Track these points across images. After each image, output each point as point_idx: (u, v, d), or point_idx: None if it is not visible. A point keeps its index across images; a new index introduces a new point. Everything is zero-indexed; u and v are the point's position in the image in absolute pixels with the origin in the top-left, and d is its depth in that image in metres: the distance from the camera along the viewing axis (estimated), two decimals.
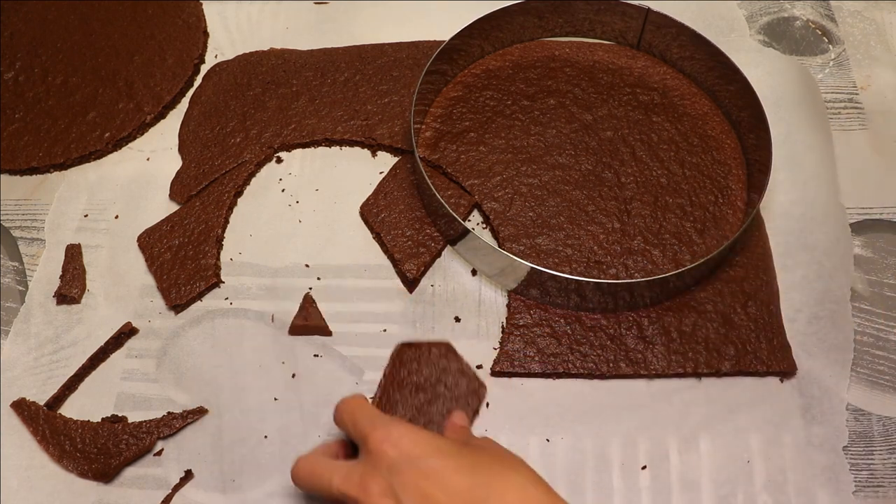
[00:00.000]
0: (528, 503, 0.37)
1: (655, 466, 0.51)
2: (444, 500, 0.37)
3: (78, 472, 0.50)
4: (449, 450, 0.39)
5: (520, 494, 0.38)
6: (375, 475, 0.39)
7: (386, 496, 0.38)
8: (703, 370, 0.53)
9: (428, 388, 0.50)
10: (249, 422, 0.52)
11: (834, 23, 0.72)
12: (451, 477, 0.38)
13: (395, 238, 0.58)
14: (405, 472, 0.38)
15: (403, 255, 0.57)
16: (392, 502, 0.38)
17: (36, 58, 0.69)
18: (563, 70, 0.67)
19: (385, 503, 0.38)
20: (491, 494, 0.37)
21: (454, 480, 0.38)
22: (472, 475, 0.38)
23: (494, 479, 0.38)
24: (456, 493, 0.37)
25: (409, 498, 0.37)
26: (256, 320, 0.56)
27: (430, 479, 0.38)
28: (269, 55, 0.69)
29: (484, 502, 0.37)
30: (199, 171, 0.62)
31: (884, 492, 0.50)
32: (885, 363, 0.54)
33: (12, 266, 0.60)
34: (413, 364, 0.50)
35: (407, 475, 0.38)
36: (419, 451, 0.39)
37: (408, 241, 0.58)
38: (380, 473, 0.39)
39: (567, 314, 0.55)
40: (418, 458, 0.38)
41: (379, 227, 0.59)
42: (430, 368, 0.51)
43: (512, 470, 0.39)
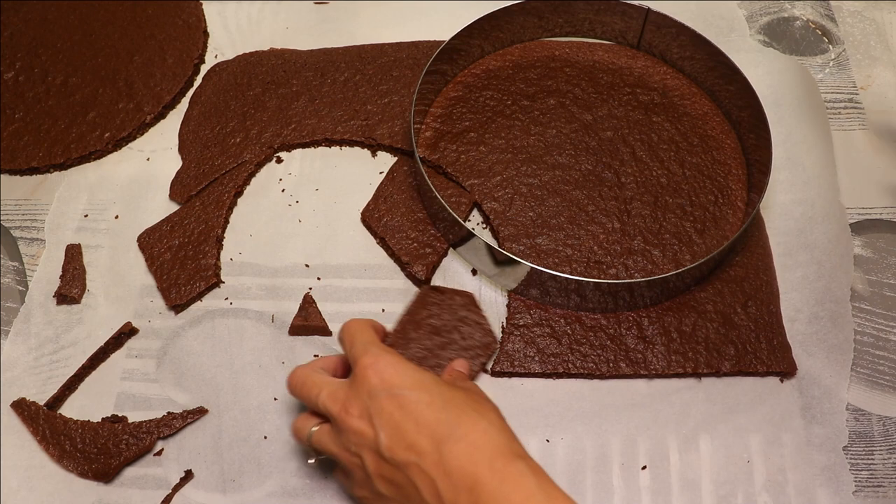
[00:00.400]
0: (487, 444, 0.39)
1: (655, 466, 0.51)
2: (412, 430, 0.39)
3: (78, 472, 0.50)
4: (428, 385, 0.41)
5: (481, 436, 0.39)
6: (357, 398, 0.41)
7: (362, 419, 0.41)
8: (703, 370, 0.53)
9: (444, 332, 0.52)
10: (249, 422, 0.52)
11: (834, 23, 0.72)
12: (423, 410, 0.40)
13: (401, 241, 0.58)
14: (382, 400, 0.41)
15: (411, 257, 0.57)
16: (367, 425, 0.41)
17: (36, 58, 0.69)
18: (563, 70, 0.67)
19: (360, 425, 0.41)
20: (455, 431, 0.39)
21: (425, 413, 0.40)
22: (442, 411, 0.40)
23: (462, 418, 0.40)
24: (424, 424, 0.40)
25: (382, 423, 0.40)
26: (256, 320, 0.56)
27: (404, 410, 0.40)
28: (269, 55, 0.69)
29: (447, 437, 0.39)
30: (199, 171, 0.62)
31: (884, 492, 0.50)
32: (885, 363, 0.54)
33: (12, 266, 0.60)
34: (434, 307, 0.52)
35: (384, 402, 0.40)
36: (399, 381, 0.41)
37: (413, 244, 0.58)
38: (361, 397, 0.41)
39: (567, 314, 0.55)
40: (397, 388, 0.41)
41: (383, 231, 0.59)
42: (450, 315, 0.53)
43: (480, 414, 0.41)
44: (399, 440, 0.40)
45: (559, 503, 0.37)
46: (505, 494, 0.37)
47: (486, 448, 0.39)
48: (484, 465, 0.38)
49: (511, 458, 0.38)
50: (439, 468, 0.38)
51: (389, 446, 0.40)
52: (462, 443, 0.39)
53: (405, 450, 0.39)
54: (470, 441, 0.39)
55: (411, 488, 0.39)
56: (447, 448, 0.39)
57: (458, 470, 0.38)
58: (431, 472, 0.39)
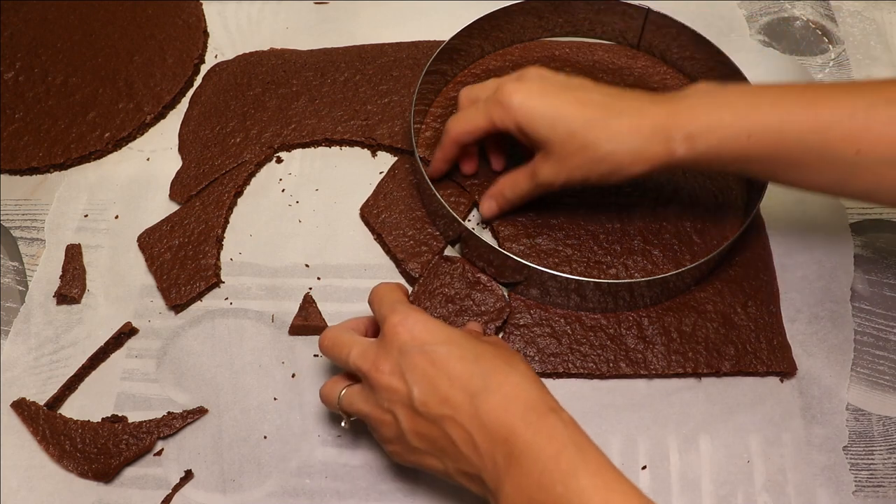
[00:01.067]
0: (520, 397, 0.40)
1: (655, 466, 0.51)
2: (445, 384, 0.40)
3: (78, 472, 0.50)
4: (458, 340, 0.42)
5: (514, 389, 0.40)
6: (388, 355, 0.42)
7: (394, 375, 0.41)
8: (704, 370, 0.53)
9: (457, 300, 0.55)
10: (249, 422, 0.52)
11: (834, 23, 0.72)
12: (454, 364, 0.41)
13: (397, 238, 0.58)
14: (414, 356, 0.41)
15: (406, 254, 0.57)
16: (399, 381, 0.41)
17: (36, 58, 0.69)
18: (563, 70, 0.67)
19: (392, 381, 0.41)
20: (489, 384, 0.40)
21: (457, 367, 0.40)
22: (474, 364, 0.41)
23: (495, 371, 0.41)
24: (457, 378, 0.40)
25: (414, 379, 0.41)
26: (256, 320, 0.56)
27: (436, 365, 0.41)
28: (269, 55, 0.69)
29: (481, 391, 0.40)
30: (199, 171, 0.62)
31: (884, 492, 0.50)
32: (885, 363, 0.54)
33: (12, 266, 0.60)
34: (446, 277, 0.56)
35: (416, 358, 0.41)
36: (430, 337, 0.42)
37: (409, 241, 0.58)
38: (392, 354, 0.42)
39: (567, 314, 0.55)
40: (428, 343, 0.41)
41: (380, 227, 0.59)
42: (462, 283, 0.56)
43: (511, 367, 0.41)
44: (433, 394, 0.40)
45: (590, 455, 0.38)
46: (539, 446, 0.38)
47: (519, 400, 0.39)
48: (518, 417, 0.39)
49: (544, 411, 0.39)
50: (475, 420, 0.39)
51: (424, 401, 0.40)
52: (496, 395, 0.39)
53: (439, 403, 0.40)
54: (503, 393, 0.39)
55: (446, 441, 0.40)
56: (481, 401, 0.39)
57: (493, 422, 0.39)
58: (467, 425, 0.39)
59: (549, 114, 0.48)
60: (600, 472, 0.37)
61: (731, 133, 0.45)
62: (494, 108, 0.50)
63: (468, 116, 0.53)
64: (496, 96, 0.50)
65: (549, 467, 0.37)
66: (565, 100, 0.48)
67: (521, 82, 0.50)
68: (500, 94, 0.50)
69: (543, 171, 0.51)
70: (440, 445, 0.41)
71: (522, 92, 0.49)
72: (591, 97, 0.49)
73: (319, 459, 0.51)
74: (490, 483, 0.39)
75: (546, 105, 0.49)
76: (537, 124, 0.49)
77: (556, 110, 0.48)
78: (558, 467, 0.37)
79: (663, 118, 0.46)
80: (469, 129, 0.53)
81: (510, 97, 0.49)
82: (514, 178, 0.54)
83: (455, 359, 0.41)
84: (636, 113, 0.47)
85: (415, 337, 0.42)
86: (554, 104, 0.48)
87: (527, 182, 0.53)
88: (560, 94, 0.49)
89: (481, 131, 0.52)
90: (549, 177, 0.51)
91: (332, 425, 0.52)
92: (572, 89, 0.50)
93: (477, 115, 0.52)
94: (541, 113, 0.48)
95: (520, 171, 0.53)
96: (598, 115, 0.48)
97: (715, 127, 0.45)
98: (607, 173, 0.49)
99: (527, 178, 0.53)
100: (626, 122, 0.47)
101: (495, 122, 0.51)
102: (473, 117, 0.52)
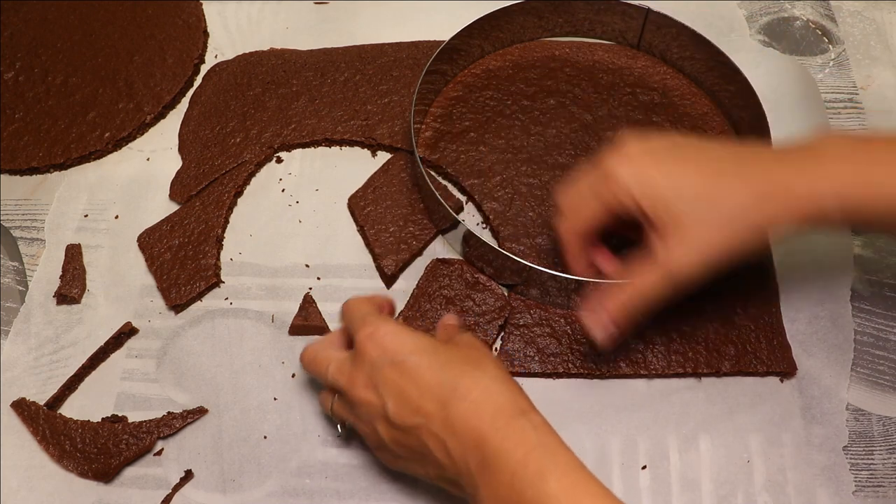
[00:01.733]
0: (489, 402, 0.40)
1: (655, 466, 0.51)
2: (415, 394, 0.41)
3: (78, 472, 0.50)
4: (426, 348, 0.42)
5: (483, 394, 0.40)
6: (361, 369, 0.43)
7: (368, 388, 0.42)
8: (704, 370, 0.53)
9: (457, 301, 0.55)
10: (249, 422, 0.52)
11: (834, 23, 0.72)
12: (423, 374, 0.41)
13: (378, 233, 0.58)
14: (385, 368, 0.42)
15: (383, 250, 0.57)
16: (373, 394, 0.42)
17: (36, 58, 0.69)
18: (563, 70, 0.67)
19: (367, 395, 0.42)
20: (458, 391, 0.40)
21: (426, 377, 0.41)
22: (442, 372, 0.41)
23: (463, 376, 0.41)
24: (426, 387, 0.41)
25: (387, 392, 0.42)
26: (256, 320, 0.56)
27: (406, 376, 0.41)
28: (269, 55, 0.69)
29: (451, 398, 0.40)
30: (199, 171, 0.62)
31: (884, 492, 0.50)
32: (885, 363, 0.54)
33: (12, 266, 0.60)
34: (444, 279, 0.56)
35: (386, 371, 0.42)
36: (398, 348, 0.42)
37: (390, 238, 0.58)
38: (364, 368, 0.43)
39: (567, 314, 0.55)
40: (397, 355, 0.42)
41: (363, 220, 0.59)
42: (461, 283, 0.56)
43: (481, 370, 0.42)
44: (405, 406, 0.41)
45: (559, 457, 0.38)
46: (507, 451, 0.38)
47: (488, 405, 0.40)
48: (487, 422, 0.39)
49: (513, 414, 0.39)
50: (446, 428, 0.40)
51: (397, 412, 0.41)
52: (465, 402, 0.40)
53: (412, 414, 0.41)
54: (472, 399, 0.40)
55: (424, 449, 0.41)
56: (451, 408, 0.40)
57: (463, 428, 0.39)
58: (439, 433, 0.40)
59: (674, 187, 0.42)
60: (569, 474, 0.38)
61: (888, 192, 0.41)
62: (602, 186, 0.44)
63: (575, 206, 0.46)
64: (600, 172, 0.44)
65: (518, 472, 0.37)
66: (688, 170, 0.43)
67: (623, 154, 0.44)
68: (604, 169, 0.44)
69: (675, 255, 0.43)
70: (419, 453, 0.42)
71: (628, 162, 0.44)
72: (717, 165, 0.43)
73: (319, 459, 0.51)
74: (467, 488, 0.40)
75: (666, 177, 0.43)
76: (658, 193, 0.42)
77: (682, 183, 0.42)
78: (527, 471, 0.37)
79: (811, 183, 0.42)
80: (582, 219, 0.46)
81: (616, 169, 0.44)
82: (636, 284, 0.45)
83: (424, 368, 0.41)
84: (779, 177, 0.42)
85: (385, 349, 0.42)
86: (676, 175, 0.42)
87: (657, 278, 0.44)
88: (672, 159, 0.43)
89: (595, 219, 0.46)
90: (684, 260, 0.43)
91: (332, 425, 0.52)
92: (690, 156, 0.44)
93: (584, 201, 0.46)
94: (663, 187, 0.42)
95: (639, 272, 0.45)
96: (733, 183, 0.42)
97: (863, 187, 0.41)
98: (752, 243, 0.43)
99: (655, 274, 0.44)
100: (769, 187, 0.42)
101: (608, 202, 0.44)
102: (582, 205, 0.46)
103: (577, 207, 0.47)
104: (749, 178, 0.43)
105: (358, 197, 0.60)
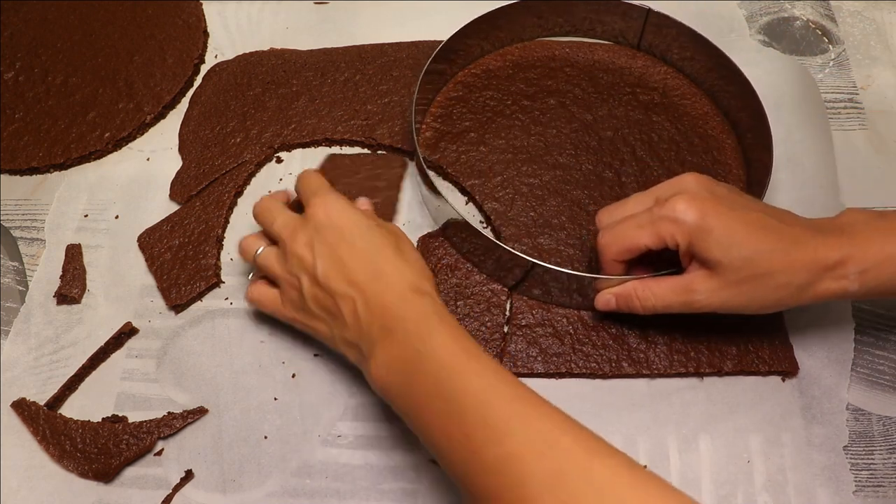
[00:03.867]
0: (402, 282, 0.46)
1: (655, 466, 0.51)
2: (346, 263, 0.47)
3: (78, 472, 0.50)
4: (362, 227, 0.48)
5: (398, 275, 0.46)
6: (304, 229, 0.49)
7: (307, 247, 0.48)
8: (706, 370, 0.53)
9: (460, 265, 0.58)
10: (249, 422, 0.52)
11: (834, 23, 0.72)
12: (357, 249, 0.47)
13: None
14: (326, 233, 0.48)
15: None
16: (309, 252, 0.48)
17: (36, 58, 0.69)
18: (563, 70, 0.67)
19: (304, 251, 0.48)
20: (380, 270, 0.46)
21: (358, 249, 0.47)
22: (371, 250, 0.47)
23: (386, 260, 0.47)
24: (356, 260, 0.47)
25: (321, 253, 0.47)
26: (256, 320, 0.56)
27: (341, 246, 0.47)
28: (269, 55, 0.69)
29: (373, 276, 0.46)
30: (200, 171, 0.62)
31: (884, 491, 0.50)
32: (885, 363, 0.54)
33: (12, 266, 0.60)
34: (440, 250, 0.58)
35: (326, 235, 0.48)
36: (341, 222, 0.48)
37: None
38: (308, 229, 0.49)
39: (569, 314, 0.55)
40: (339, 227, 0.48)
41: None
42: (454, 252, 0.58)
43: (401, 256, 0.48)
44: (334, 270, 0.47)
45: (447, 321, 0.44)
46: (406, 316, 0.44)
47: (401, 284, 0.46)
48: (396, 295, 0.45)
49: (419, 293, 0.45)
50: (362, 297, 0.45)
51: (325, 274, 0.47)
52: (383, 280, 0.46)
53: (337, 279, 0.46)
54: (388, 278, 0.46)
55: (336, 311, 0.47)
56: (371, 282, 0.46)
57: (376, 300, 0.45)
58: (357, 300, 0.45)
59: (726, 236, 0.45)
60: (452, 332, 0.43)
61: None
62: (665, 224, 0.47)
63: (628, 234, 0.49)
64: (666, 213, 0.47)
65: (410, 330, 0.43)
66: (740, 222, 0.46)
67: (691, 197, 0.47)
68: (671, 211, 0.47)
69: (703, 289, 0.47)
70: (331, 313, 0.47)
71: (696, 209, 0.46)
72: (763, 221, 0.46)
73: (319, 459, 0.51)
74: (365, 350, 0.45)
75: (722, 226, 0.46)
76: (711, 245, 0.46)
77: (733, 234, 0.46)
78: (418, 330, 0.43)
79: (839, 252, 0.45)
80: (630, 246, 0.49)
81: (684, 214, 0.46)
82: (661, 289, 0.49)
83: (358, 245, 0.47)
84: (810, 243, 0.46)
85: (330, 218, 0.48)
86: (730, 226, 0.46)
87: (677, 297, 0.49)
88: (732, 215, 0.46)
89: (643, 248, 0.49)
90: (707, 296, 0.48)
91: (332, 425, 0.52)
92: (741, 209, 0.47)
93: (640, 231, 0.48)
94: (717, 235, 0.46)
95: (669, 282, 0.49)
96: (774, 244, 0.45)
97: (888, 260, 0.45)
98: (772, 304, 0.47)
99: (679, 292, 0.49)
100: (802, 254, 0.45)
101: (665, 238, 0.47)
102: (636, 234, 0.48)
103: (629, 235, 0.49)
104: (795, 245, 0.46)
105: None
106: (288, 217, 0.51)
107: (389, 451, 0.51)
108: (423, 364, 0.42)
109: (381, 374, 0.44)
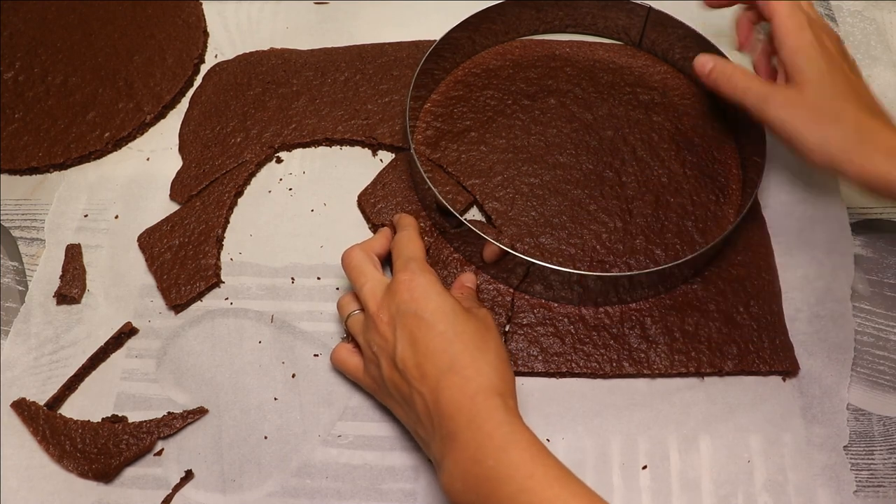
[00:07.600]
0: (477, 381, 0.43)
1: (656, 466, 0.51)
2: (422, 352, 0.44)
3: (78, 472, 0.50)
4: (447, 313, 0.46)
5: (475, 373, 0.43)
6: (389, 305, 0.47)
7: (389, 326, 0.46)
8: (706, 370, 0.53)
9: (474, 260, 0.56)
10: (249, 422, 0.52)
11: (834, 23, 0.72)
12: (434, 338, 0.45)
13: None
14: (407, 316, 0.46)
15: None
16: (391, 332, 0.46)
17: (36, 58, 0.69)
18: (563, 69, 0.67)
19: (386, 330, 0.46)
20: (455, 365, 0.44)
21: (435, 340, 0.45)
22: (451, 342, 0.45)
23: (464, 353, 0.44)
24: (432, 351, 0.44)
25: (402, 336, 0.45)
26: (256, 320, 0.56)
27: (420, 332, 0.45)
28: (269, 55, 0.69)
29: (447, 369, 0.43)
30: (200, 171, 0.62)
31: (884, 491, 0.50)
32: (885, 363, 0.54)
33: (12, 266, 0.60)
34: (456, 242, 0.56)
35: (408, 318, 0.46)
36: (424, 304, 0.46)
37: None
38: (392, 306, 0.47)
39: (570, 313, 0.55)
40: (421, 309, 0.46)
41: (375, 216, 0.59)
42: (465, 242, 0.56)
43: (482, 351, 0.45)
44: (411, 357, 0.44)
45: (521, 434, 0.41)
46: (477, 424, 0.41)
47: (475, 383, 0.43)
48: (467, 397, 0.42)
49: (492, 394, 0.43)
50: (432, 394, 0.43)
51: (403, 359, 0.45)
52: (457, 376, 0.43)
53: (413, 368, 0.44)
54: (464, 375, 0.43)
55: (410, 400, 0.45)
56: (444, 378, 0.43)
57: (446, 400, 0.43)
58: (427, 397, 0.43)
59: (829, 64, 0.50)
60: (529, 449, 0.40)
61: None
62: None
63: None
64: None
65: (483, 443, 0.41)
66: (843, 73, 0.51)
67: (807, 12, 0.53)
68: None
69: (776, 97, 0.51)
70: (407, 402, 0.45)
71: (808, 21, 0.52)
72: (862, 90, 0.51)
73: (319, 459, 0.51)
74: (436, 454, 0.43)
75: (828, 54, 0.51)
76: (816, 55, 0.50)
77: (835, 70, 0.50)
78: (492, 443, 0.40)
79: None
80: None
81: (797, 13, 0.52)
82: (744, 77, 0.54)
83: (437, 332, 0.45)
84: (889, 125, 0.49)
85: (414, 299, 0.46)
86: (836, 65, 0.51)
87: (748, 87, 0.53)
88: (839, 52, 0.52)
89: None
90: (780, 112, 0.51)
91: (332, 425, 0.52)
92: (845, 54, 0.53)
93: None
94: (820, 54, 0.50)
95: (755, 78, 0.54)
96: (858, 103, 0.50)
97: None
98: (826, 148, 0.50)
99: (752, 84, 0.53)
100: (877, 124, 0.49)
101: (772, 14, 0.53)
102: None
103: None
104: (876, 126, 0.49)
105: (368, 193, 0.60)
106: (376, 284, 0.49)
107: (389, 452, 0.51)
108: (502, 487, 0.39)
109: (455, 488, 0.41)
